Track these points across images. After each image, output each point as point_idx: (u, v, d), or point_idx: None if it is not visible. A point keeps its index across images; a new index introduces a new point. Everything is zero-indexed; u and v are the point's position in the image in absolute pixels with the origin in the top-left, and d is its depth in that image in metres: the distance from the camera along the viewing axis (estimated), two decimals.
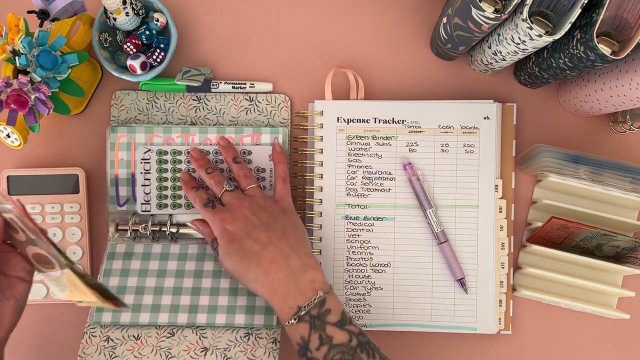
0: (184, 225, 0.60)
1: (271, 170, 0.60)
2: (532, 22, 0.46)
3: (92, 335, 0.57)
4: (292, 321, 0.48)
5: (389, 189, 0.60)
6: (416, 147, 0.60)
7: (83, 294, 0.45)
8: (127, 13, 0.58)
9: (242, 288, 0.58)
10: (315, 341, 0.47)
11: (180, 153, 0.60)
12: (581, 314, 0.61)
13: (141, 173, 0.60)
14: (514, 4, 0.45)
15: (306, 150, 0.61)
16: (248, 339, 0.57)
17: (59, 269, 0.45)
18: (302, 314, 0.48)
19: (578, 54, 0.48)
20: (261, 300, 0.57)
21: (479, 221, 0.60)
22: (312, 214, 0.61)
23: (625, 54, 0.45)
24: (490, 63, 0.57)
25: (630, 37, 0.46)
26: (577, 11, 0.45)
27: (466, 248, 0.60)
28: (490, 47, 0.55)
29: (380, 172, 0.61)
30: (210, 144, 0.60)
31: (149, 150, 0.60)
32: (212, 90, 0.62)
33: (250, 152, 0.60)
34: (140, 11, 0.59)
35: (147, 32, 0.60)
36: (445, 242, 0.59)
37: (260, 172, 0.60)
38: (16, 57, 0.51)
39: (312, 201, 0.61)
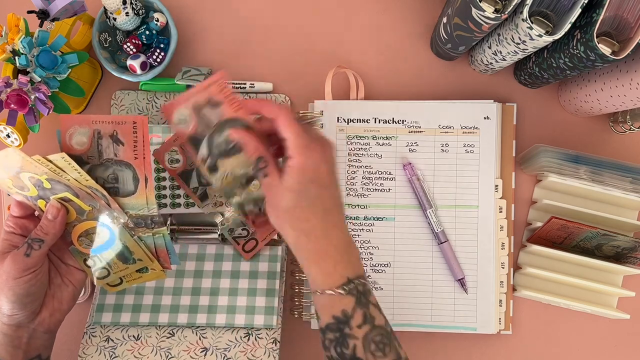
0: (183, 224, 0.60)
1: None
2: (532, 22, 0.46)
3: (92, 335, 0.57)
4: (340, 291, 0.44)
5: (389, 189, 0.60)
6: (416, 147, 0.60)
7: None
8: (127, 13, 0.58)
9: (242, 288, 0.57)
10: (358, 318, 0.44)
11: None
12: (581, 314, 0.61)
13: None
14: (514, 4, 0.45)
15: None
16: (248, 339, 0.57)
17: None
18: (351, 286, 0.44)
19: (578, 54, 0.48)
20: (261, 300, 0.57)
21: (479, 221, 0.60)
22: None
23: (625, 54, 0.45)
24: (490, 63, 0.57)
25: (630, 37, 0.46)
26: (577, 11, 0.45)
27: (466, 248, 0.60)
28: (490, 47, 0.55)
29: (380, 172, 0.61)
30: None
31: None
32: None
33: None
34: (140, 11, 0.59)
35: (147, 32, 0.60)
36: (445, 242, 0.59)
37: None
38: (16, 57, 0.51)
39: None
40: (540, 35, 0.46)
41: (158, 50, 0.60)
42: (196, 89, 0.48)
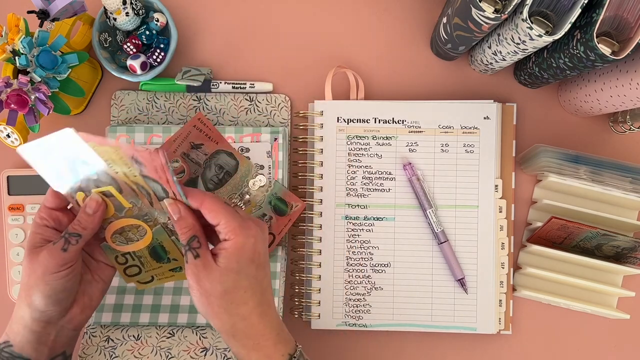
0: None
1: (269, 167, 0.60)
2: (532, 22, 0.46)
3: (93, 335, 0.57)
4: None
5: (389, 189, 0.60)
6: (416, 147, 0.60)
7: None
8: (127, 13, 0.58)
9: None
10: None
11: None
12: (581, 314, 0.61)
13: None
14: (514, 4, 0.45)
15: (306, 151, 0.61)
16: None
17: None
18: None
19: (578, 54, 0.48)
20: None
21: (479, 221, 0.60)
22: (312, 214, 0.61)
23: (625, 54, 0.45)
24: (490, 63, 0.57)
25: (630, 37, 0.46)
26: (577, 11, 0.45)
27: (466, 248, 0.60)
28: (490, 47, 0.55)
29: (380, 172, 0.61)
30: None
31: (147, 149, 0.60)
32: (212, 90, 0.62)
33: (248, 149, 0.60)
34: (140, 11, 0.59)
35: (147, 32, 0.60)
36: (445, 242, 0.59)
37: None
38: (16, 57, 0.51)
39: (312, 201, 0.61)
40: (540, 35, 0.46)
41: (158, 50, 0.60)
42: (180, 138, 0.57)
